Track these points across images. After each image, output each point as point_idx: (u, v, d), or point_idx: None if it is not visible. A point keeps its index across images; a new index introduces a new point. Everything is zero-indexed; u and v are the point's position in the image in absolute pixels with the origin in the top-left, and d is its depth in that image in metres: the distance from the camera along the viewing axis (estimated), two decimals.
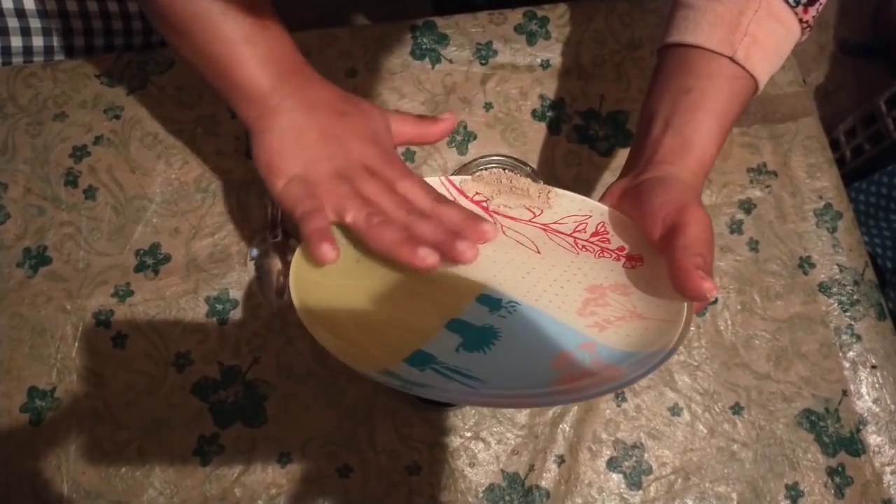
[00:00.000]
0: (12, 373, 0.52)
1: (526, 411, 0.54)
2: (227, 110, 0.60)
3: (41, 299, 0.54)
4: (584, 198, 0.44)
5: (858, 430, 0.57)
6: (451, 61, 0.63)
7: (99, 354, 0.53)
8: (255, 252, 0.56)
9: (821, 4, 0.42)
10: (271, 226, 0.56)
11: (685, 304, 0.36)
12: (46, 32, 0.65)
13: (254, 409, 0.53)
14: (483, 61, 0.64)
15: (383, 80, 0.63)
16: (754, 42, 0.40)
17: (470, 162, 0.53)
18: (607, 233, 0.44)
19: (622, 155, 0.62)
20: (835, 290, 0.60)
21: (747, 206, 0.62)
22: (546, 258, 0.43)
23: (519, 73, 0.63)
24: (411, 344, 0.37)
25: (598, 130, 0.63)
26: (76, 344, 0.53)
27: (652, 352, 0.36)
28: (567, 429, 0.54)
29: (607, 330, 0.39)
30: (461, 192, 0.43)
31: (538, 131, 0.62)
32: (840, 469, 0.56)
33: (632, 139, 0.62)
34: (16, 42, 0.64)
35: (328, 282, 0.38)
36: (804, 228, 0.62)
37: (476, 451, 0.53)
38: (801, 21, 0.42)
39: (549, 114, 0.62)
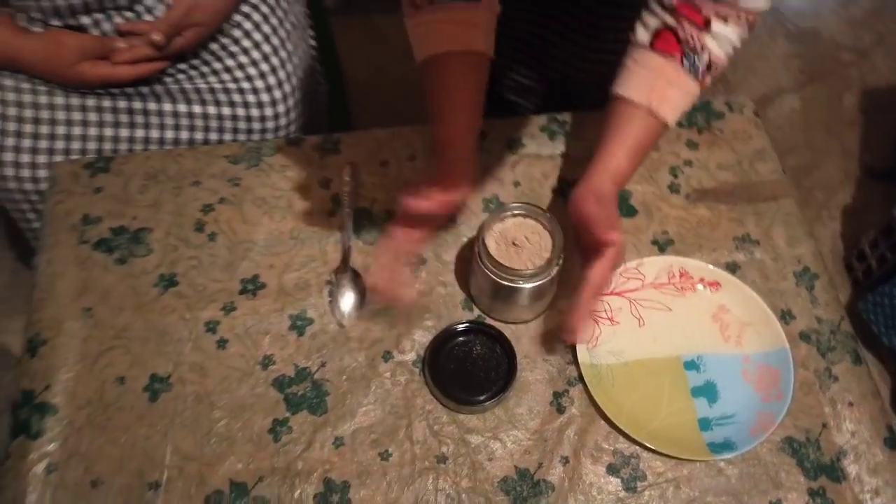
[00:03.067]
0: (141, 362, 0.68)
1: (538, 419, 0.65)
2: (317, 183, 0.79)
3: (167, 310, 0.71)
4: (662, 256, 0.73)
5: (838, 460, 0.64)
6: (488, 152, 0.81)
7: (205, 353, 0.68)
8: (329, 284, 0.72)
9: (717, 70, 0.62)
10: (343, 265, 0.73)
11: (769, 311, 0.69)
12: (177, 128, 0.91)
13: (318, 402, 0.66)
14: (513, 152, 0.81)
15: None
16: (664, 99, 0.61)
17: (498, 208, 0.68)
18: (688, 273, 0.72)
19: (625, 222, 0.76)
20: (813, 338, 0.70)
21: (733, 267, 0.74)
22: (676, 311, 0.71)
23: (542, 160, 0.80)
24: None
25: None
26: (189, 344, 0.69)
27: (779, 348, 0.67)
28: (572, 435, 0.64)
29: (742, 345, 0.69)
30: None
31: (556, 202, 0.77)
32: (821, 491, 0.62)
33: (634, 210, 0.77)
34: (155, 134, 0.90)
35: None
36: (785, 287, 0.73)
37: (494, 448, 0.64)
38: (701, 85, 0.63)
39: (566, 190, 0.78)
